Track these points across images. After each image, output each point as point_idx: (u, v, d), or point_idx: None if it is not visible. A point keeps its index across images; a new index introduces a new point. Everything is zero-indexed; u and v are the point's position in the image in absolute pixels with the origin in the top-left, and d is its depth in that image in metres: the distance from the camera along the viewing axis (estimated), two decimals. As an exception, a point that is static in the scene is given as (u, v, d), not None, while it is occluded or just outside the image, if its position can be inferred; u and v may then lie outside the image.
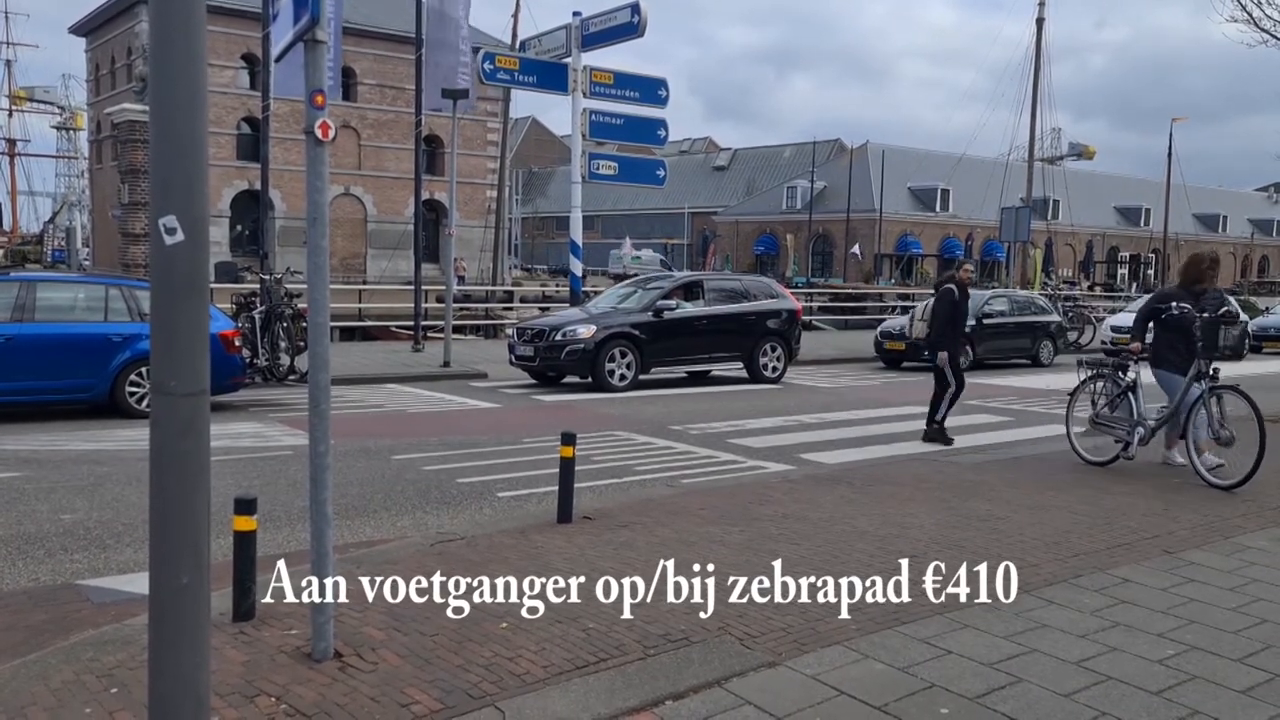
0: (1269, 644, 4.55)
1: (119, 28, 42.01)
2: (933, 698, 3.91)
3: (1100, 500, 7.44)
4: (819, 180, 66.17)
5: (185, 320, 2.85)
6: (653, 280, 18.01)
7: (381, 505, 7.65)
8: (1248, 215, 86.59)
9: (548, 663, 4.15)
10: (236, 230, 40.46)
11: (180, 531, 2.89)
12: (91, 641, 4.38)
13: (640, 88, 18.34)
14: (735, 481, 8.32)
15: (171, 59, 2.81)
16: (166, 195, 2.83)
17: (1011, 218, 29.50)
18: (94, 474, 8.44)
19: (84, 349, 11.34)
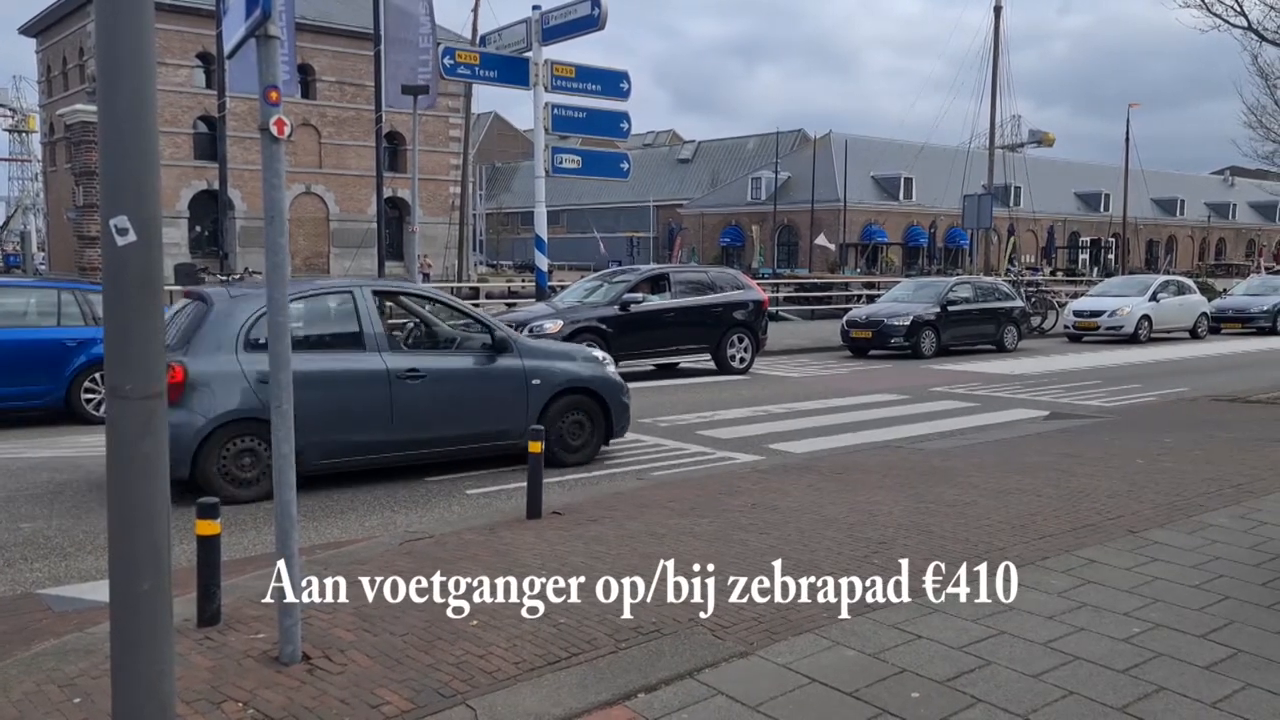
0: (1231, 620, 4.61)
1: (70, 27, 41.36)
2: (903, 682, 3.94)
3: (1065, 482, 7.52)
4: (783, 171, 66.39)
5: (139, 322, 2.80)
6: (619, 274, 17.99)
7: (348, 505, 7.59)
8: (1204, 199, 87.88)
9: (519, 659, 4.13)
10: (196, 231, 39.99)
11: (140, 536, 2.84)
12: (53, 651, 4.31)
13: (602, 81, 18.29)
14: (705, 473, 8.33)
15: (119, 57, 2.75)
16: (117, 196, 2.78)
17: (974, 205, 29.74)
18: (53, 481, 8.31)
19: (37, 354, 11.15)
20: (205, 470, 7.48)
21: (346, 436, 8.00)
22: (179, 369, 7.43)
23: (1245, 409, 11.91)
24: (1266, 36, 14.48)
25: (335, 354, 8.18)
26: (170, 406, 6.75)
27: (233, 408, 7.57)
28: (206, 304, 7.99)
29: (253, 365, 7.57)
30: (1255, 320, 26.75)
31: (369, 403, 8.08)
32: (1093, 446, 9.17)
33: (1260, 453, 8.78)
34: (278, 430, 4.06)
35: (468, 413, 8.59)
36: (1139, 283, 26.49)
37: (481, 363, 8.72)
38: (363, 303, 8.33)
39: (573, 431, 9.13)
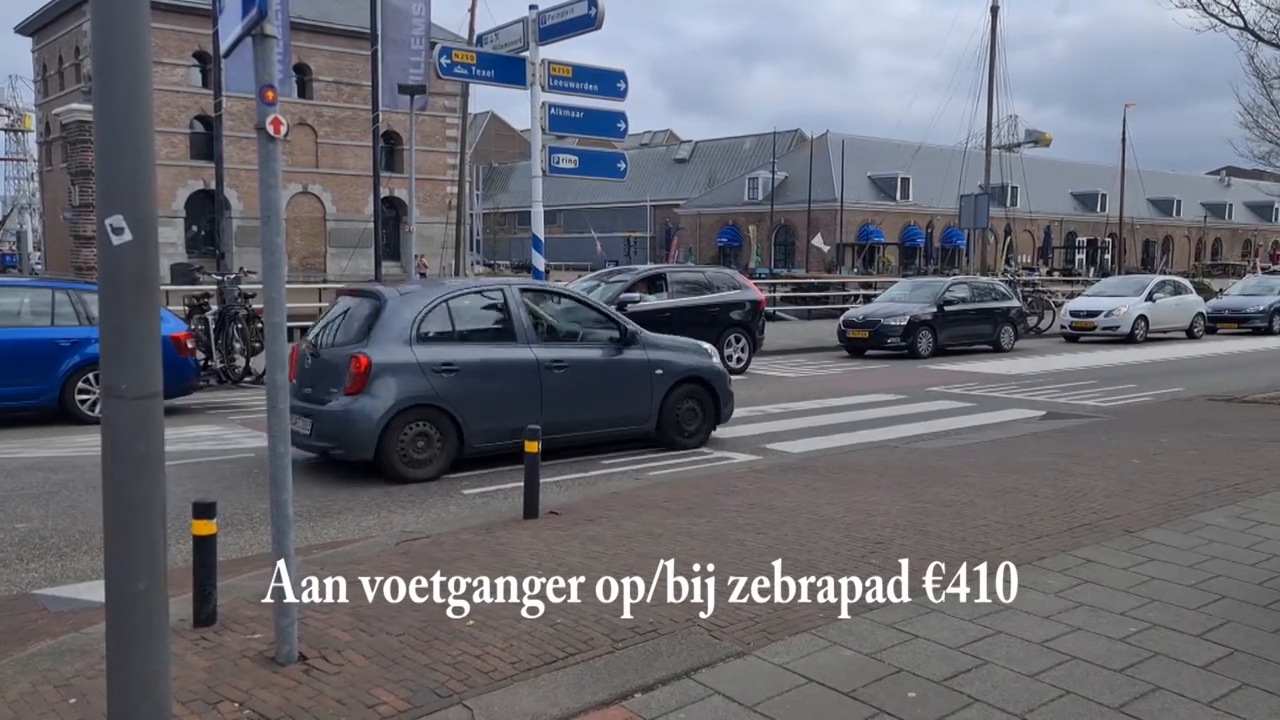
0: (1228, 619, 4.62)
1: (66, 27, 41.29)
2: (900, 682, 3.94)
3: (1062, 482, 7.52)
4: (780, 171, 66.38)
5: (135, 322, 2.79)
6: (615, 274, 17.99)
7: (345, 505, 7.59)
8: (1200, 199, 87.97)
9: (515, 659, 4.13)
10: (192, 231, 39.93)
11: (136, 537, 2.84)
12: (49, 651, 4.30)
13: (599, 81, 18.24)
14: (701, 473, 8.33)
15: (114, 56, 2.75)
16: (113, 195, 2.78)
17: (970, 205, 29.75)
18: (49, 481, 8.30)
19: (31, 354, 11.10)
20: (386, 452, 8.23)
21: (504, 421, 8.68)
22: (364, 359, 8.18)
23: (1241, 409, 11.93)
24: (1263, 37, 14.49)
25: (492, 346, 8.92)
26: (355, 394, 8.17)
27: (410, 395, 8.32)
28: (379, 301, 8.69)
29: (425, 356, 8.39)
30: (1251, 320, 26.78)
31: (522, 390, 8.85)
32: (1089, 446, 9.17)
33: (1256, 452, 8.79)
34: (274, 430, 4.06)
35: (602, 399, 9.43)
36: (1135, 283, 26.52)
37: (612, 354, 9.54)
38: (513, 300, 9.13)
39: (687, 417, 9.96)
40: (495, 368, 8.76)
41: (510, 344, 8.93)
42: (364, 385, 8.15)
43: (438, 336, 8.65)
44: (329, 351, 8.79)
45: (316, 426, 8.39)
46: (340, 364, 8.43)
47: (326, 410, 8.36)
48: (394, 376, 8.24)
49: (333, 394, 8.39)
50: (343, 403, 8.26)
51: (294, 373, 8.84)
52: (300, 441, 8.26)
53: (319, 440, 8.42)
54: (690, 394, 9.94)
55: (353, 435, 8.20)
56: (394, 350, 8.31)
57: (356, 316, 8.85)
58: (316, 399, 8.53)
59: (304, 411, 8.38)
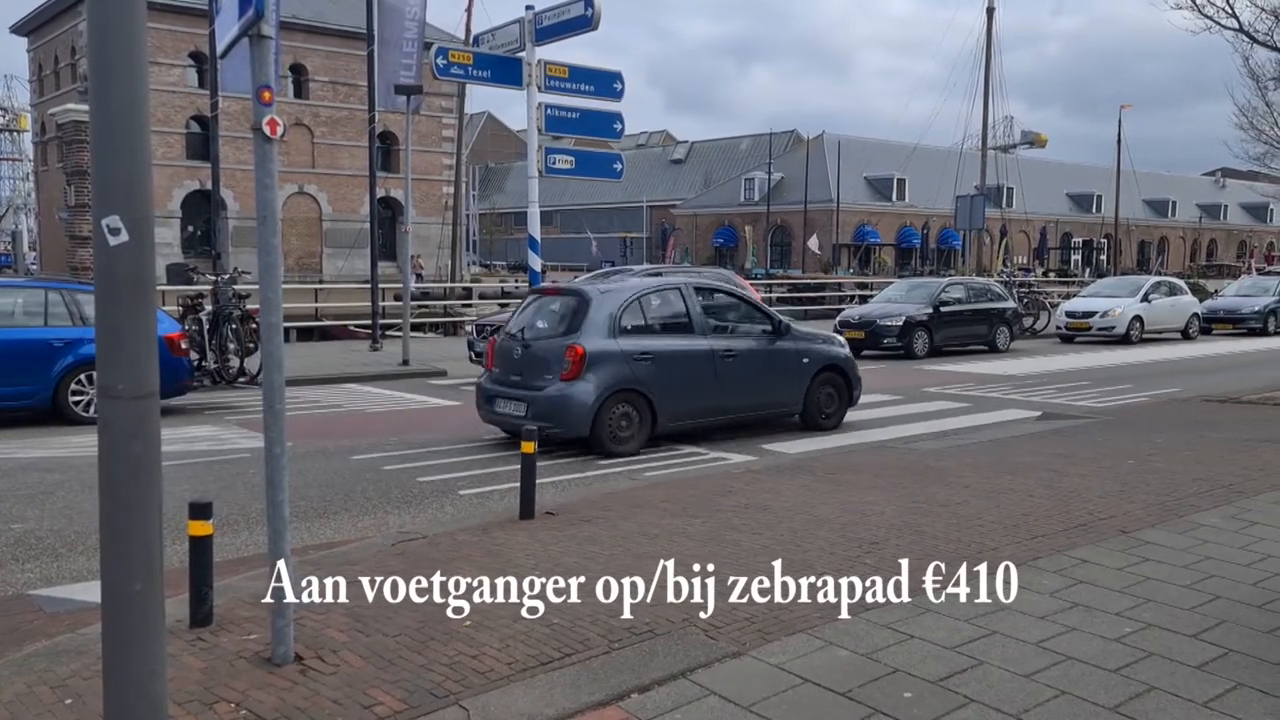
0: (1222, 620, 4.63)
1: (62, 26, 41.20)
2: (896, 682, 3.94)
3: (1058, 483, 7.54)
4: (776, 172, 66.41)
5: (131, 322, 2.79)
6: (611, 275, 17.97)
7: (342, 506, 7.58)
8: (1195, 200, 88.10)
9: (512, 659, 4.13)
10: (188, 231, 39.85)
11: (132, 537, 2.83)
12: (45, 652, 4.29)
13: (595, 81, 18.25)
14: (698, 473, 8.33)
15: (111, 56, 2.75)
16: (109, 195, 2.77)
17: (966, 206, 29.80)
18: (44, 482, 8.29)
19: (24, 355, 11.07)
20: (598, 431, 9.35)
21: (688, 403, 9.95)
22: (579, 349, 9.31)
23: (1236, 409, 11.96)
24: (1257, 38, 14.53)
25: (676, 337, 10.04)
26: (571, 380, 9.30)
27: (616, 380, 9.44)
28: (584, 299, 9.82)
29: (626, 346, 9.57)
30: (1246, 321, 26.84)
31: (701, 376, 10.02)
32: (1085, 447, 9.19)
33: (1251, 453, 8.81)
34: (270, 430, 4.05)
35: (762, 385, 10.55)
36: (1131, 283, 26.57)
37: (767, 345, 10.64)
38: (689, 296, 10.33)
39: (826, 401, 11.08)
40: (681, 356, 9.90)
41: (690, 335, 10.10)
42: (579, 371, 9.28)
43: (634, 329, 9.80)
44: (540, 343, 9.82)
45: (533, 409, 9.37)
46: (555, 353, 9.51)
47: (544, 394, 9.41)
48: (603, 364, 9.38)
49: (548, 380, 9.46)
50: (559, 387, 9.34)
51: (492, 362, 10.26)
52: (514, 422, 9.53)
53: (536, 420, 9.05)
54: (829, 380, 11.07)
55: (570, 415, 9.28)
56: (602, 341, 9.47)
57: (560, 312, 10.01)
58: (531, 385, 9.58)
59: (518, 396, 9.59)
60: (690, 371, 9.91)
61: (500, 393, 9.87)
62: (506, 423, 9.89)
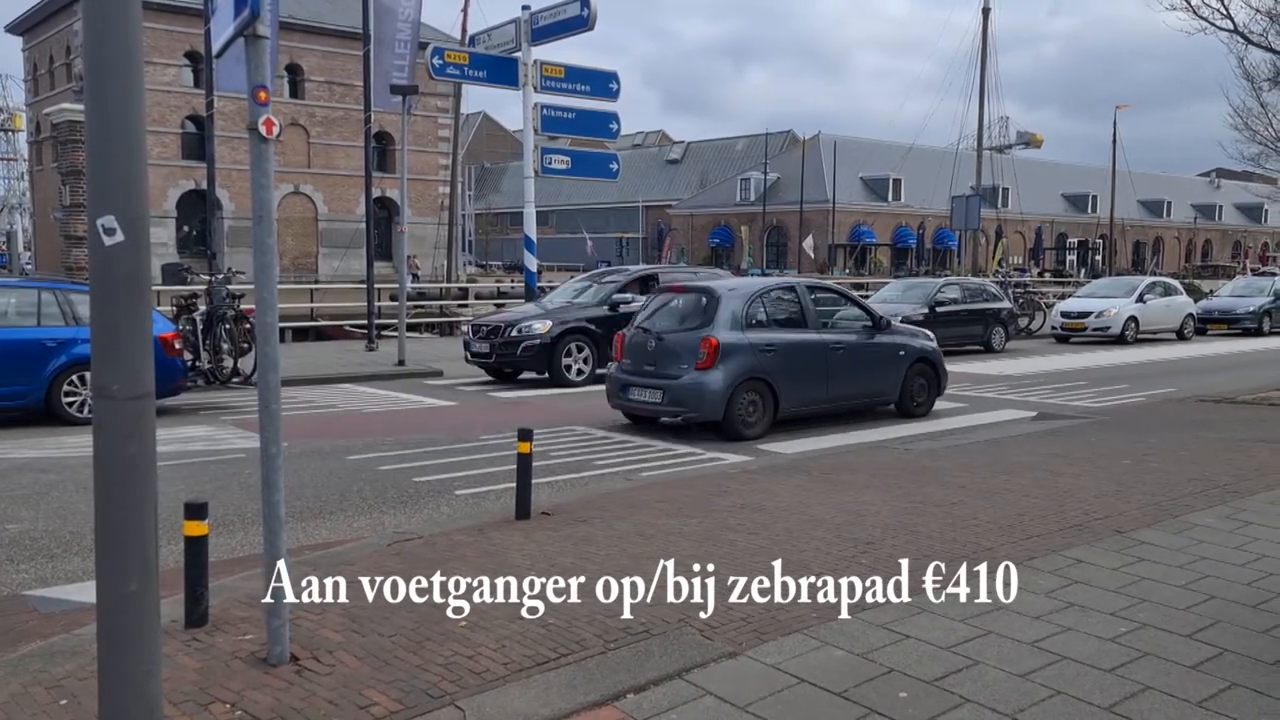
0: (1217, 620, 4.64)
1: (57, 26, 41.13)
2: (892, 682, 3.95)
3: (1053, 483, 7.55)
4: (772, 172, 66.47)
5: (127, 322, 2.79)
6: (608, 274, 17.99)
7: (337, 506, 7.58)
8: (1190, 200, 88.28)
9: (508, 660, 4.13)
10: (184, 231, 39.80)
11: (127, 538, 2.83)
12: (40, 652, 4.29)
13: (591, 81, 18.28)
14: (694, 473, 8.34)
15: (106, 55, 2.74)
16: (105, 195, 2.77)
17: (962, 206, 29.84)
18: (39, 482, 8.27)
19: (17, 355, 11.03)
20: (729, 416, 10.20)
21: (805, 391, 10.87)
22: (714, 340, 10.22)
23: (1231, 410, 11.98)
24: (1252, 39, 14.55)
25: (794, 331, 10.98)
26: (706, 369, 10.19)
27: (746, 369, 10.32)
28: (714, 296, 10.77)
29: (753, 338, 10.48)
30: (1241, 321, 26.89)
31: (815, 366, 10.93)
32: (1080, 447, 9.20)
33: (1246, 453, 8.83)
34: (266, 430, 4.05)
35: (866, 375, 11.49)
36: (1126, 284, 26.62)
37: (868, 339, 11.54)
38: (802, 294, 11.35)
39: (919, 391, 12.02)
40: (798, 348, 10.83)
41: (805, 330, 11.03)
42: (713, 361, 10.16)
43: (758, 323, 10.72)
44: (673, 336, 10.71)
45: (669, 396, 10.37)
46: (689, 345, 10.39)
47: (680, 382, 10.30)
48: (734, 355, 10.27)
49: (683, 369, 10.34)
50: (695, 376, 10.22)
51: (621, 354, 11.18)
52: (650, 409, 10.70)
53: (672, 406, 10.40)
54: (921, 371, 11.99)
55: (706, 401, 10.19)
56: (732, 334, 10.37)
57: (691, 308, 10.98)
58: (666, 374, 10.48)
59: (654, 385, 10.52)
60: (806, 362, 10.84)
61: (634, 381, 10.78)
62: (641, 409, 10.89)
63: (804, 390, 10.83)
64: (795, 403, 10.76)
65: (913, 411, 11.90)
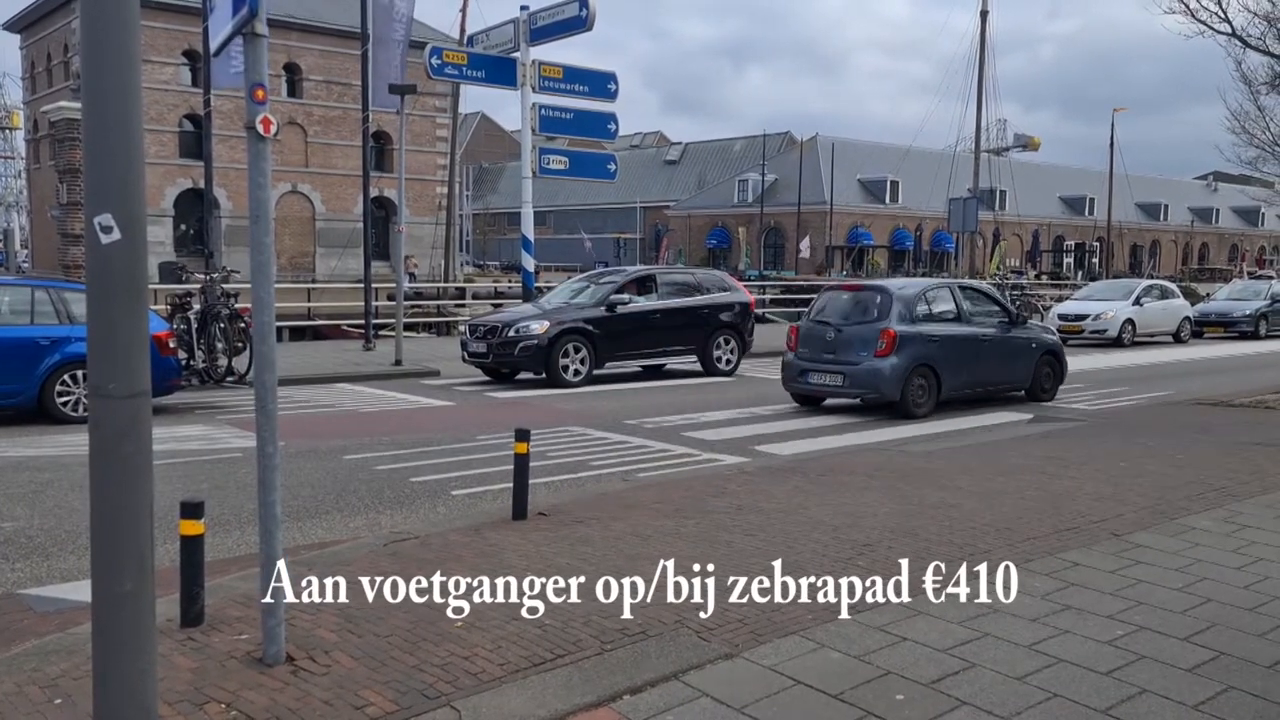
0: (1214, 623, 4.64)
1: (55, 24, 41.06)
2: (888, 685, 3.94)
3: (1049, 485, 7.55)
4: (770, 173, 66.49)
5: (124, 320, 2.78)
6: (605, 275, 17.99)
7: (334, 506, 7.56)
8: (1188, 204, 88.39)
9: (504, 660, 4.12)
10: (181, 230, 39.75)
11: (122, 537, 2.82)
12: (34, 651, 4.27)
13: (590, 82, 18.27)
14: (691, 475, 8.33)
15: (104, 53, 2.74)
16: (101, 193, 2.76)
17: (959, 208, 29.83)
18: (35, 481, 8.25)
19: (9, 353, 10.98)
20: (904, 397, 11.84)
21: (960, 377, 12.51)
22: (892, 332, 11.81)
23: (1228, 413, 11.99)
24: (1250, 43, 14.58)
25: (950, 324, 12.65)
26: (884, 356, 11.75)
27: (917, 357, 12.02)
28: (887, 294, 12.37)
29: (922, 330, 12.13)
30: (1238, 324, 26.93)
31: (968, 355, 12.63)
32: (1076, 450, 9.21)
33: (1243, 456, 8.84)
34: (262, 430, 4.04)
35: (1005, 364, 13.16)
36: (1123, 287, 26.65)
37: (1006, 332, 13.21)
38: (956, 292, 13.17)
39: (1046, 379, 13.65)
40: (957, 339, 12.50)
41: (960, 323, 12.72)
42: (891, 349, 11.76)
43: (924, 317, 12.35)
44: (851, 328, 12.25)
45: (850, 380, 11.98)
46: (868, 335, 11.98)
47: (860, 368, 11.92)
48: (907, 344, 11.87)
49: (863, 356, 11.92)
50: (874, 362, 11.82)
51: (796, 344, 12.76)
52: (829, 390, 12.37)
53: (853, 389, 12.06)
54: (1048, 362, 13.60)
55: (884, 384, 11.79)
56: (905, 326, 11.98)
57: (866, 303, 12.49)
58: (845, 360, 12.06)
59: (834, 370, 12.13)
60: (962, 352, 12.51)
61: (813, 367, 12.38)
62: (819, 391, 12.52)
63: (961, 375, 12.48)
64: (953, 386, 12.43)
65: (1040, 397, 13.49)
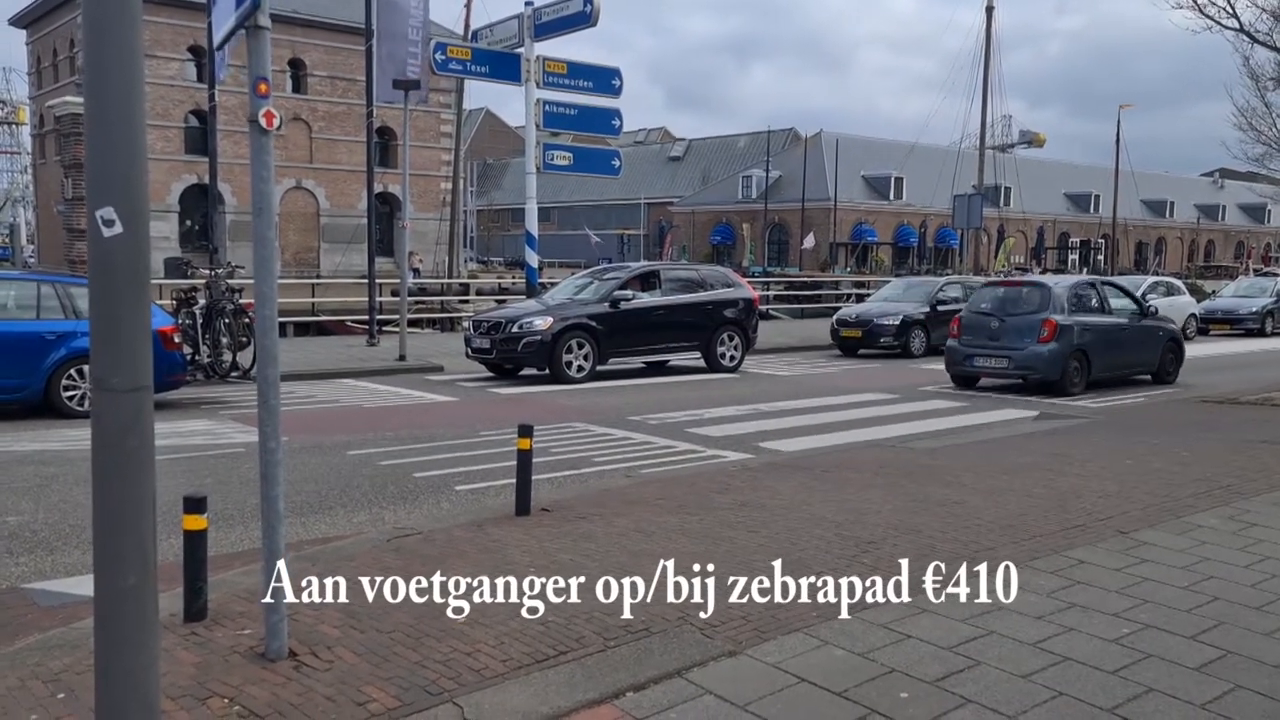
0: (1221, 621, 4.62)
1: (60, 19, 41.08)
2: (892, 682, 3.93)
3: (1055, 483, 7.52)
4: (774, 169, 66.40)
5: (126, 314, 2.76)
6: (609, 271, 17.97)
7: (337, 501, 7.56)
8: (1194, 201, 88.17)
9: (506, 657, 4.11)
10: (186, 225, 39.79)
11: (125, 531, 2.81)
12: (37, 646, 4.27)
13: (594, 77, 18.27)
14: (694, 471, 8.31)
15: (106, 44, 2.72)
16: (104, 187, 2.75)
17: (964, 205, 29.80)
18: (39, 475, 8.26)
19: (16, 348, 11.00)
20: (1063, 377, 13.80)
21: (1105, 360, 14.49)
22: (1053, 321, 13.74)
23: (1234, 410, 11.95)
24: (1258, 38, 14.53)
25: (1096, 315, 14.63)
26: (1047, 342, 13.66)
27: (1073, 343, 13.91)
28: (1045, 287, 14.55)
29: (1075, 319, 14.04)
30: (1244, 322, 26.85)
31: (1111, 341, 14.60)
32: (1082, 447, 9.18)
33: (1249, 454, 8.80)
34: (265, 425, 4.03)
35: (1139, 349, 15.20)
36: (1129, 284, 26.57)
37: (1137, 321, 15.17)
38: (1100, 287, 15.32)
39: (1169, 363, 15.64)
40: (1102, 328, 14.45)
41: (1104, 314, 14.70)
42: (1052, 336, 13.71)
43: (1074, 309, 14.23)
44: (1014, 318, 14.14)
45: (1015, 362, 13.93)
46: (1031, 324, 13.91)
47: (1024, 352, 13.85)
48: (1065, 332, 13.81)
49: (1026, 343, 13.85)
50: (1037, 348, 13.78)
51: (960, 333, 14.66)
52: (994, 371, 14.27)
53: (1018, 370, 13.97)
54: (1171, 349, 15.62)
55: (1046, 366, 13.79)
56: (1062, 316, 13.91)
57: (1026, 297, 14.50)
58: (1010, 346, 13.98)
59: (998, 354, 14.07)
60: (1106, 338, 14.43)
61: (978, 352, 14.31)
62: (985, 372, 14.41)
63: (1105, 359, 14.37)
64: (1100, 369, 14.31)
65: (1164, 379, 15.42)
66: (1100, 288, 15.18)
